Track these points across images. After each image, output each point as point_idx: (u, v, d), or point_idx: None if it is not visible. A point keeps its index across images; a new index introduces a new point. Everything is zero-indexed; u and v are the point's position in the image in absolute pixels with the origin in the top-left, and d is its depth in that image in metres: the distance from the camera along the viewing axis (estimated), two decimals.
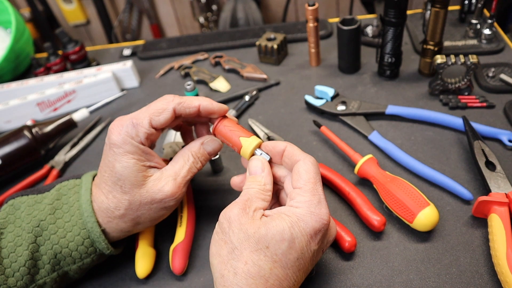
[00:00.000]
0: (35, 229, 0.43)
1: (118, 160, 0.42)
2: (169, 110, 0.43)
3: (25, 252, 0.42)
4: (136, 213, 0.44)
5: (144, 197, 0.43)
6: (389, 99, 0.68)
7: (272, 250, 0.36)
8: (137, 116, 0.43)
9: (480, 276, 0.44)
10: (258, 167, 0.43)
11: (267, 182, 0.43)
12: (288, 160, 0.43)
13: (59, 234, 0.44)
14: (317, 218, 0.38)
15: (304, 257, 0.38)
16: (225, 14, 1.70)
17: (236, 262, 0.36)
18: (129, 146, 0.42)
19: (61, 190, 0.47)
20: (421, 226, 0.47)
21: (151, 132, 0.43)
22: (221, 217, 0.39)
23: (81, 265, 0.45)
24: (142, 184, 0.43)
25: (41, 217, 0.44)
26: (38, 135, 0.66)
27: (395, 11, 0.63)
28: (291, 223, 0.37)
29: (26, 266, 0.42)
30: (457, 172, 0.55)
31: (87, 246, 0.44)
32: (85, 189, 0.46)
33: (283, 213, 0.39)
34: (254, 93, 0.73)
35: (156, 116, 0.43)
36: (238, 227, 0.37)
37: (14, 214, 0.45)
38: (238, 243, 0.37)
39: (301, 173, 0.41)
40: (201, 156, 0.47)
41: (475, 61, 0.61)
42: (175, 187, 0.44)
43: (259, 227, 0.37)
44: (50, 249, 0.43)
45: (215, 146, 0.47)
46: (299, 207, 0.39)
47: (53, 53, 0.87)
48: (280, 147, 0.44)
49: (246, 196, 0.40)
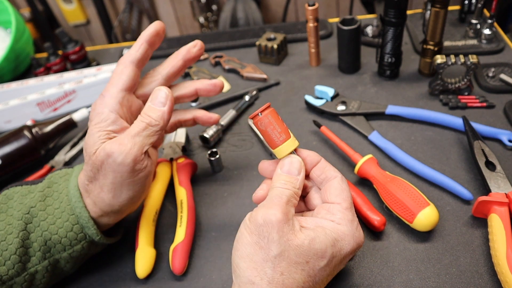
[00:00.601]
0: (25, 216, 0.44)
1: (88, 132, 0.44)
2: (126, 64, 0.46)
3: (16, 239, 0.42)
4: (105, 179, 0.42)
5: (97, 158, 0.42)
6: (389, 99, 0.68)
7: (310, 265, 0.36)
8: (107, 86, 0.45)
9: (480, 276, 0.44)
10: (295, 168, 0.41)
11: (300, 187, 0.41)
12: (319, 172, 0.42)
13: (49, 220, 0.44)
14: (357, 240, 0.39)
15: (333, 273, 0.39)
16: (225, 14, 1.70)
17: (272, 271, 0.35)
18: (100, 115, 0.43)
19: (52, 178, 0.47)
20: (421, 226, 0.47)
21: (122, 95, 0.45)
22: (260, 219, 0.37)
23: (71, 253, 0.45)
24: (101, 146, 0.42)
25: (31, 204, 0.44)
26: (38, 135, 0.66)
27: (395, 11, 0.63)
28: (333, 241, 0.37)
29: (17, 254, 0.42)
30: (457, 172, 0.55)
31: (76, 232, 0.44)
32: (74, 175, 0.46)
33: (325, 228, 0.38)
34: (254, 93, 0.73)
35: (117, 78, 0.45)
36: (279, 234, 0.36)
37: (6, 204, 0.46)
38: (277, 252, 0.35)
39: (340, 189, 0.40)
40: (149, 111, 0.43)
41: (475, 61, 0.61)
42: (118, 143, 0.41)
43: (303, 240, 0.36)
44: (40, 236, 0.43)
45: (160, 95, 0.44)
46: (341, 224, 0.38)
47: (53, 53, 0.87)
48: (315, 158, 0.43)
49: (283, 198, 0.39)
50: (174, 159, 0.59)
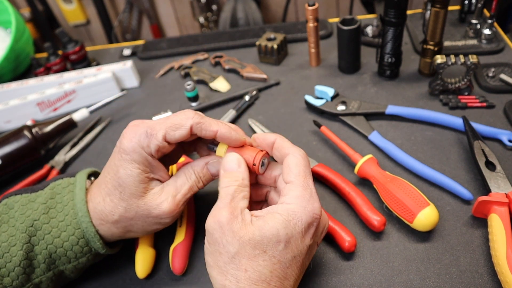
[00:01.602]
0: (29, 229, 0.43)
1: (124, 167, 0.42)
2: (186, 127, 0.41)
3: (20, 252, 0.42)
4: (130, 222, 0.43)
5: (141, 209, 0.42)
6: (389, 99, 0.68)
7: (269, 253, 0.36)
8: (153, 127, 0.41)
9: (480, 276, 0.44)
10: (233, 163, 0.42)
11: (244, 177, 0.41)
12: (278, 153, 0.43)
13: (53, 234, 0.43)
14: (309, 213, 0.38)
15: (300, 253, 0.38)
16: (225, 14, 1.70)
17: (236, 271, 0.36)
18: (138, 156, 0.41)
19: (55, 189, 0.47)
20: (421, 226, 0.47)
21: (163, 145, 0.42)
22: (209, 227, 0.38)
23: (76, 265, 0.45)
24: (141, 196, 0.42)
25: (35, 216, 0.44)
26: (38, 135, 0.66)
27: (395, 11, 0.63)
28: (284, 223, 0.37)
29: (21, 266, 0.42)
30: (457, 172, 0.55)
31: (82, 246, 0.44)
32: (79, 188, 0.45)
33: (276, 212, 0.38)
34: (254, 93, 0.73)
35: (172, 131, 0.41)
36: (231, 235, 0.36)
37: (7, 214, 0.45)
38: (234, 252, 0.36)
39: (291, 166, 0.40)
40: (204, 176, 0.45)
41: (475, 61, 0.61)
42: (173, 205, 0.43)
43: (253, 232, 0.36)
44: (44, 249, 0.43)
45: (220, 168, 0.45)
46: (291, 203, 0.38)
47: (53, 53, 0.87)
48: (270, 139, 0.43)
49: (228, 197, 0.39)
50: None
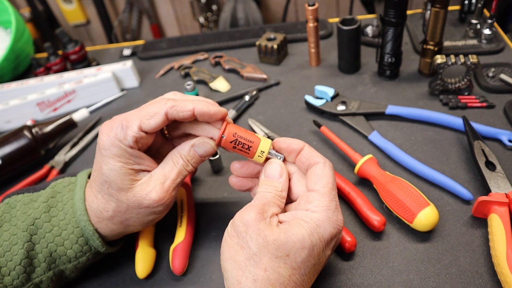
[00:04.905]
0: (30, 228, 0.43)
1: (105, 162, 0.41)
2: (160, 114, 0.40)
3: (21, 250, 0.42)
4: (124, 215, 0.43)
5: (131, 201, 0.42)
6: (389, 99, 0.68)
7: (292, 258, 0.36)
8: (127, 118, 0.41)
9: (480, 276, 0.44)
10: (276, 171, 0.42)
11: (284, 189, 0.42)
12: (304, 160, 0.42)
13: (54, 232, 0.43)
14: (334, 224, 0.38)
15: (319, 262, 0.38)
16: (225, 14, 1.71)
17: (255, 268, 0.35)
18: (116, 149, 0.40)
19: (56, 187, 0.47)
20: (421, 226, 0.47)
21: (140, 135, 0.41)
22: (237, 220, 0.38)
23: (76, 264, 0.45)
24: (129, 188, 0.42)
25: (36, 215, 0.44)
26: (38, 135, 0.66)
27: (395, 11, 0.63)
28: (310, 230, 0.37)
29: (21, 265, 0.42)
30: (457, 172, 0.55)
31: (81, 245, 0.44)
32: (79, 187, 0.45)
33: (301, 218, 0.38)
34: (254, 93, 0.73)
35: (146, 120, 0.40)
36: (256, 232, 0.36)
37: (9, 213, 0.45)
38: (257, 249, 0.36)
39: (320, 176, 0.40)
40: (192, 158, 0.44)
41: (475, 61, 0.61)
42: (162, 192, 0.42)
43: (279, 234, 0.36)
44: (45, 248, 0.43)
45: (207, 148, 0.44)
46: (316, 212, 0.38)
47: (53, 53, 0.87)
48: (296, 146, 0.43)
49: (263, 200, 0.39)
50: None
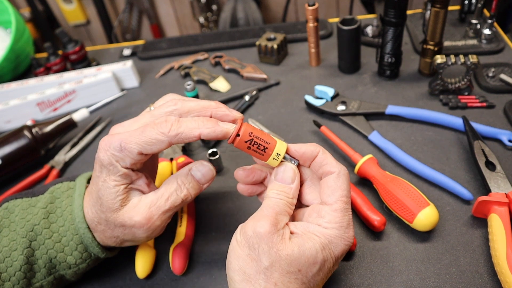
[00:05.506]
0: (29, 234, 0.43)
1: (102, 178, 0.40)
2: (163, 143, 0.38)
3: (20, 256, 0.42)
4: (113, 233, 0.42)
5: (116, 221, 0.41)
6: (389, 99, 0.68)
7: (303, 273, 0.36)
8: (127, 139, 0.39)
9: (480, 276, 0.44)
10: (288, 176, 0.40)
11: (294, 196, 0.40)
12: (318, 167, 0.40)
13: (54, 238, 0.43)
14: (345, 241, 0.38)
15: (327, 277, 0.38)
16: (225, 14, 1.71)
17: (265, 282, 0.35)
18: (113, 168, 0.39)
19: (55, 193, 0.46)
20: (421, 226, 0.47)
21: (139, 158, 0.39)
22: (249, 230, 0.36)
23: (76, 270, 0.45)
24: (118, 209, 0.40)
25: (35, 221, 0.43)
26: (38, 135, 0.66)
27: (395, 11, 0.63)
28: (322, 246, 0.37)
29: (21, 271, 0.42)
30: (457, 172, 0.55)
31: (81, 252, 0.44)
32: (78, 193, 0.45)
33: (313, 233, 0.37)
34: (254, 93, 0.73)
35: (148, 146, 0.38)
36: (269, 245, 0.35)
37: (8, 218, 0.45)
38: (268, 263, 0.35)
39: (333, 188, 0.39)
40: (188, 183, 0.42)
41: (475, 61, 0.61)
42: (145, 218, 0.40)
43: (292, 248, 0.36)
44: (45, 254, 0.43)
45: (205, 171, 0.43)
46: (328, 228, 0.38)
47: (53, 53, 0.87)
48: (312, 152, 0.40)
49: (276, 209, 0.38)
50: (174, 159, 0.59)
